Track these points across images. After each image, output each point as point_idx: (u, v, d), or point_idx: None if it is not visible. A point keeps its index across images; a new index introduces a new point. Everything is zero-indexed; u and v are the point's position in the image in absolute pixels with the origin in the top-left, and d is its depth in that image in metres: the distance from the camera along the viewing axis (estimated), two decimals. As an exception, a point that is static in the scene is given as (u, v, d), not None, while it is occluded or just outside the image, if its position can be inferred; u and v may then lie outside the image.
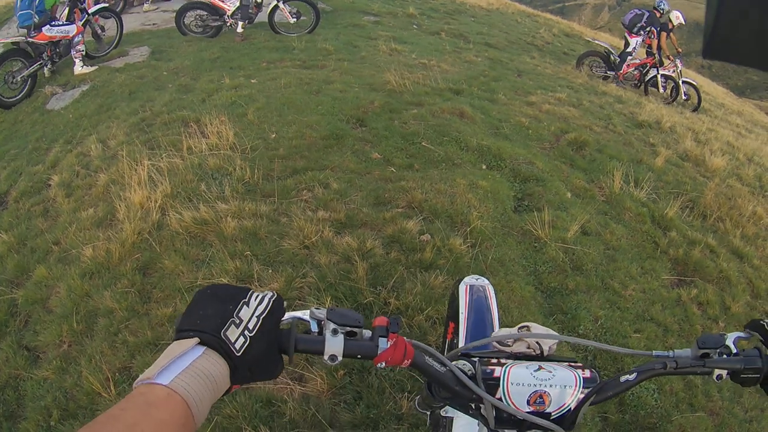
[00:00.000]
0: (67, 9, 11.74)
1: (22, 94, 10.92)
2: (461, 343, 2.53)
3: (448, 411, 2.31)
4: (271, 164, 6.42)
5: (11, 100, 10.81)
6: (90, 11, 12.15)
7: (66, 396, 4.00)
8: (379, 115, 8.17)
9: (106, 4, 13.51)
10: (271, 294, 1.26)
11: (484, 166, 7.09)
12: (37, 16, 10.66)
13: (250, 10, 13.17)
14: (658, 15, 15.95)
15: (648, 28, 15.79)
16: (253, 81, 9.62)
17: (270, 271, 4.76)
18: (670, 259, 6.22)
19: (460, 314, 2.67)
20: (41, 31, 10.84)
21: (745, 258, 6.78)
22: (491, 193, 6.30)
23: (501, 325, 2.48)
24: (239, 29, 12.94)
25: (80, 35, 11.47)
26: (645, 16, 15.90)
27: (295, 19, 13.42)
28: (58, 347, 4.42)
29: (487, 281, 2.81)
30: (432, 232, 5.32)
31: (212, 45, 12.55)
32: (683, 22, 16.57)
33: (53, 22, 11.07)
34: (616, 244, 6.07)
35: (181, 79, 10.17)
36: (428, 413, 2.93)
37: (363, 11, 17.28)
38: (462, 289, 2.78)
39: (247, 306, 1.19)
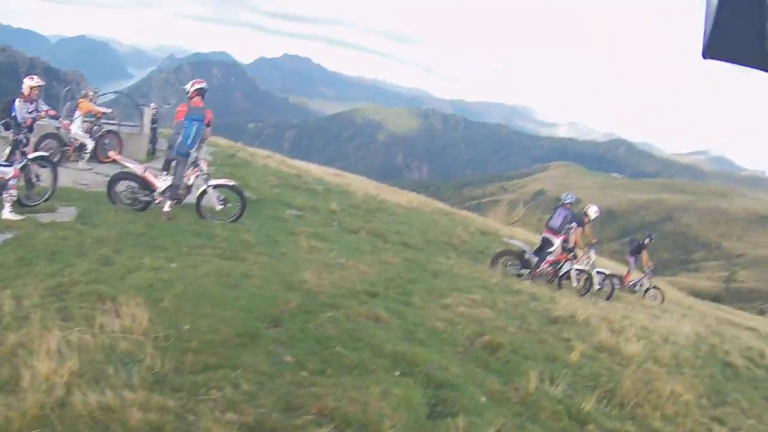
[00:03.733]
0: (9, 149, 11.86)
1: None
2: None
3: None
4: (183, 357, 6.33)
5: None
6: (30, 156, 12.26)
7: None
8: (295, 315, 8.21)
9: (47, 153, 13.70)
10: None
11: (397, 373, 7.08)
12: None
13: (180, 191, 13.47)
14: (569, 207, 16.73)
15: (570, 226, 16.50)
16: (173, 265, 9.65)
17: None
18: (590, 453, 6.27)
19: None
20: None
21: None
22: (405, 401, 6.31)
23: None
24: (166, 208, 13.12)
25: (15, 180, 11.50)
26: (570, 217, 16.68)
27: (221, 206, 13.82)
28: None
29: None
30: (343, 443, 5.30)
31: (139, 219, 12.68)
32: (599, 216, 17.43)
33: None
34: (533, 444, 6.10)
35: (104, 249, 10.12)
36: None
37: (287, 204, 17.86)
38: None
39: None
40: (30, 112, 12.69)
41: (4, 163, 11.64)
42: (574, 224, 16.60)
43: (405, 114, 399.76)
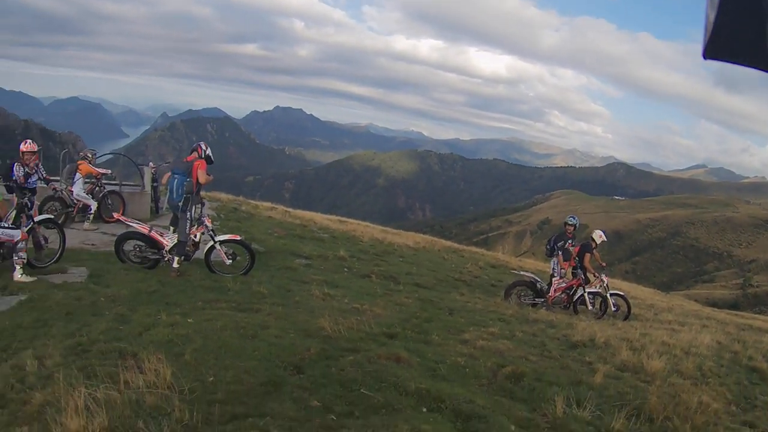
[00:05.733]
0: (14, 213, 12.06)
1: None
2: None
3: None
4: (210, 408, 6.30)
5: None
6: (36, 219, 12.41)
7: None
8: (316, 361, 8.18)
9: (52, 216, 13.87)
10: None
11: (424, 409, 7.01)
12: None
13: (188, 248, 13.60)
14: (570, 229, 17.09)
15: (556, 247, 16.68)
16: (189, 320, 9.65)
17: None
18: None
19: None
20: None
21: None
22: None
23: None
24: (175, 264, 13.28)
25: (24, 242, 11.68)
26: (553, 238, 17.29)
27: (230, 261, 14.00)
28: None
29: None
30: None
31: (150, 277, 12.78)
32: (605, 240, 17.51)
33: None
34: (566, 469, 5.99)
35: (119, 308, 10.19)
36: None
37: (295, 253, 17.96)
38: None
39: None
40: (28, 176, 12.88)
41: (11, 227, 11.78)
42: (562, 243, 16.78)
43: (401, 157, 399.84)
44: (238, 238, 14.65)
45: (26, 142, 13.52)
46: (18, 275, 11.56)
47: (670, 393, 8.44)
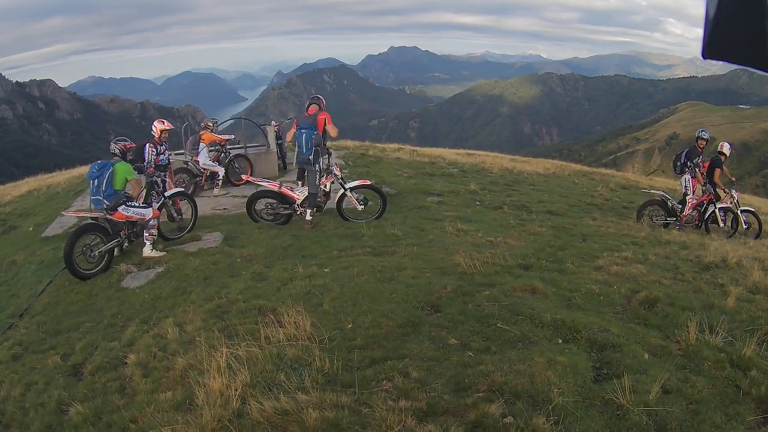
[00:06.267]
0: (145, 191, 12.53)
1: (98, 268, 11.43)
2: None
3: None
4: (349, 354, 6.40)
5: (88, 272, 11.27)
6: (167, 194, 12.96)
7: None
8: (452, 299, 8.13)
9: (183, 189, 14.29)
10: None
11: (560, 341, 6.93)
12: (107, 201, 11.30)
13: (319, 199, 13.77)
14: (702, 144, 16.33)
15: (689, 164, 16.12)
16: (326, 270, 9.79)
17: (354, 465, 4.63)
18: (753, 399, 5.85)
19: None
20: (117, 210, 11.41)
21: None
22: (570, 368, 6.13)
23: None
24: (308, 217, 13.43)
25: (156, 219, 12.08)
26: (683, 154, 16.51)
27: (362, 206, 14.01)
28: None
29: None
30: (514, 414, 5.17)
31: (283, 232, 13.01)
32: (732, 151, 16.79)
33: (129, 203, 11.73)
34: (698, 396, 5.76)
35: (255, 266, 10.45)
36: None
37: (426, 192, 17.95)
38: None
39: None
40: (160, 154, 13.32)
41: (143, 206, 12.19)
42: (696, 160, 16.13)
43: (522, 83, 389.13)
44: (369, 182, 14.68)
45: (162, 122, 14.13)
46: (147, 251, 11.98)
47: (801, 318, 7.96)
